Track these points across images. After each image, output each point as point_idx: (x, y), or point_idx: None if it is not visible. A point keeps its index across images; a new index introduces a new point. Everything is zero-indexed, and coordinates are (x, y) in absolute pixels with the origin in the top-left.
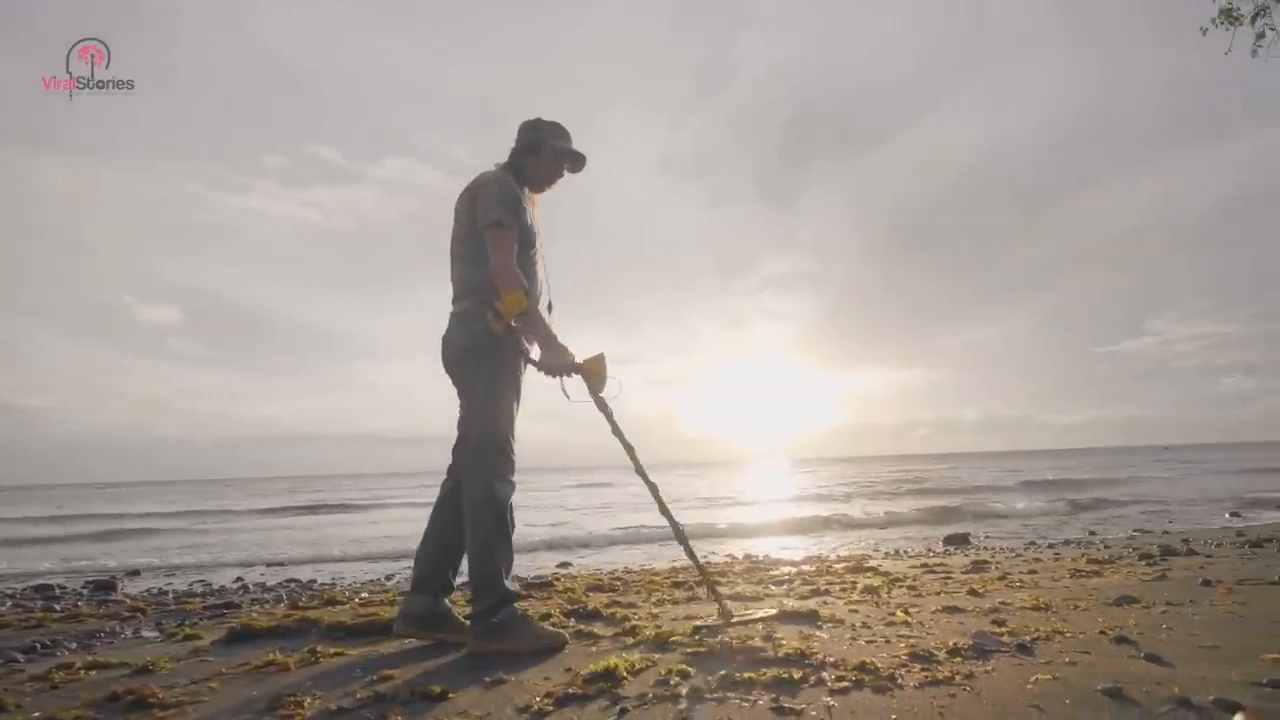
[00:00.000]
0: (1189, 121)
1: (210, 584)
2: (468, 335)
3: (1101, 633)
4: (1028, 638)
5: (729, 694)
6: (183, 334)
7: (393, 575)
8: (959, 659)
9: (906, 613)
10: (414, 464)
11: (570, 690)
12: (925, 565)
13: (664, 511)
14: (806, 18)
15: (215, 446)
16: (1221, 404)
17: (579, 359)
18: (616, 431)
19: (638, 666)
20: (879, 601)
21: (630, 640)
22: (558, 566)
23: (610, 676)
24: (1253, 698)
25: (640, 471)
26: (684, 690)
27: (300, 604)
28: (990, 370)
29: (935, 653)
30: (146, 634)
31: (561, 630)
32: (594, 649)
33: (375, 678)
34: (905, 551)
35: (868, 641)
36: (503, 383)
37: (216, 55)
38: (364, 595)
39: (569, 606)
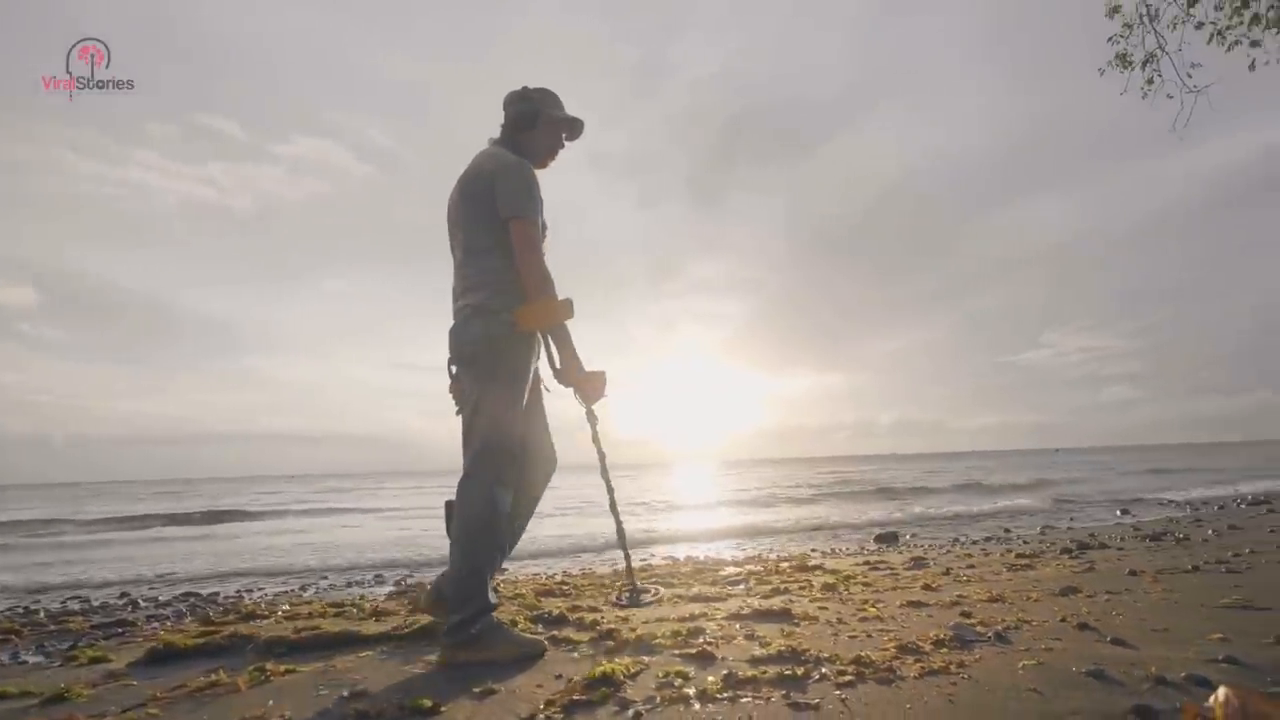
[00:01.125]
0: (1086, 153)
1: (89, 600)
2: (485, 330)
3: (1063, 620)
4: (999, 628)
5: (738, 692)
6: (38, 318)
7: (307, 587)
8: (945, 650)
9: (874, 608)
10: (318, 465)
11: (574, 697)
12: (868, 563)
13: (614, 510)
14: (744, 26)
15: (77, 446)
16: (1106, 410)
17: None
18: (596, 440)
19: (633, 670)
20: (842, 598)
21: (611, 644)
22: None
23: (609, 681)
24: (1216, 673)
25: (605, 475)
26: (690, 691)
27: (214, 620)
28: (907, 376)
29: (921, 645)
30: (31, 659)
31: (538, 638)
32: (575, 654)
33: (347, 694)
34: (841, 550)
35: (850, 637)
36: (519, 382)
37: (98, 5)
38: (285, 608)
39: (530, 612)
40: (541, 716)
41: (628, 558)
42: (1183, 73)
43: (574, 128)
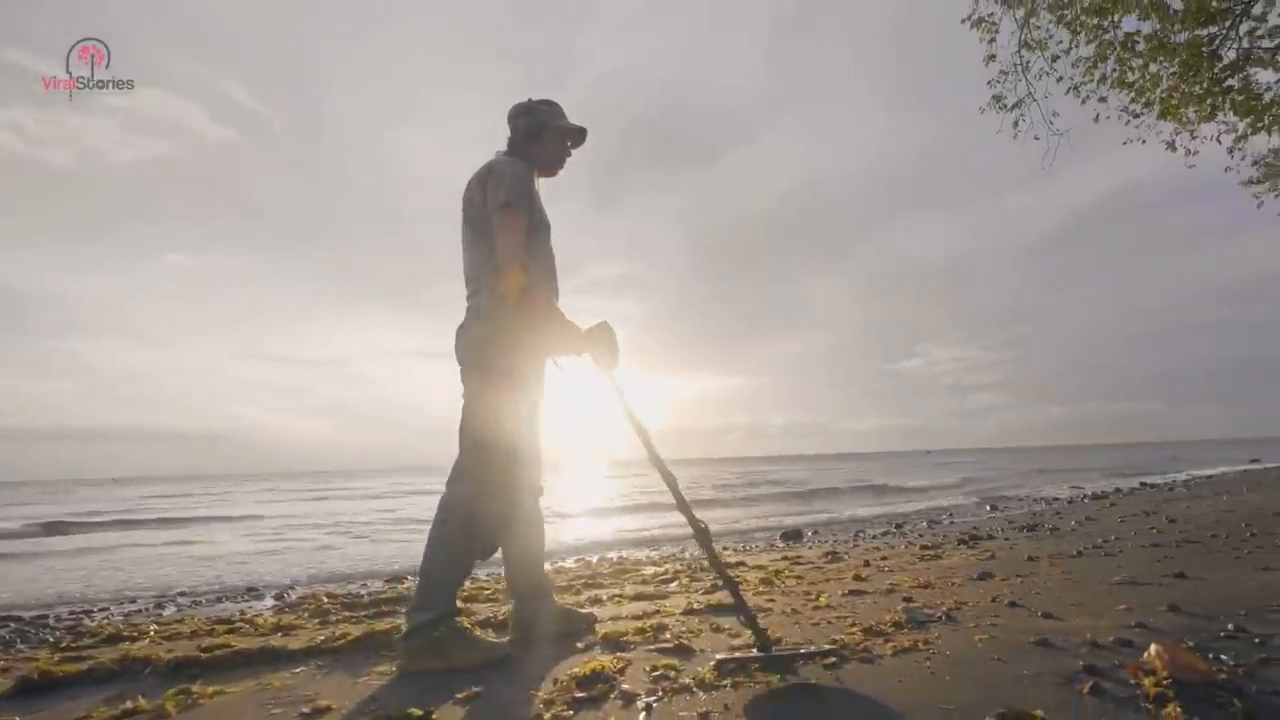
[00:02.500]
0: (967, 181)
1: None
2: (481, 331)
3: (994, 600)
4: (944, 610)
5: (738, 679)
6: None
7: (164, 605)
8: (906, 631)
9: (822, 598)
10: (150, 467)
11: (574, 694)
12: (786, 559)
13: (683, 508)
14: (653, 27)
15: None
16: (970, 416)
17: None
18: (630, 415)
19: (618, 665)
20: (784, 590)
21: (579, 645)
22: (386, 584)
23: (602, 677)
24: (1135, 635)
25: (657, 462)
26: (688, 680)
27: (70, 645)
28: (797, 380)
29: (883, 628)
30: None
31: (502, 641)
32: (546, 655)
33: (308, 710)
34: (753, 548)
35: (813, 625)
36: (518, 379)
37: None
38: (153, 628)
39: (476, 619)
40: (549, 715)
41: (739, 597)
42: (1047, 117)
43: (579, 136)
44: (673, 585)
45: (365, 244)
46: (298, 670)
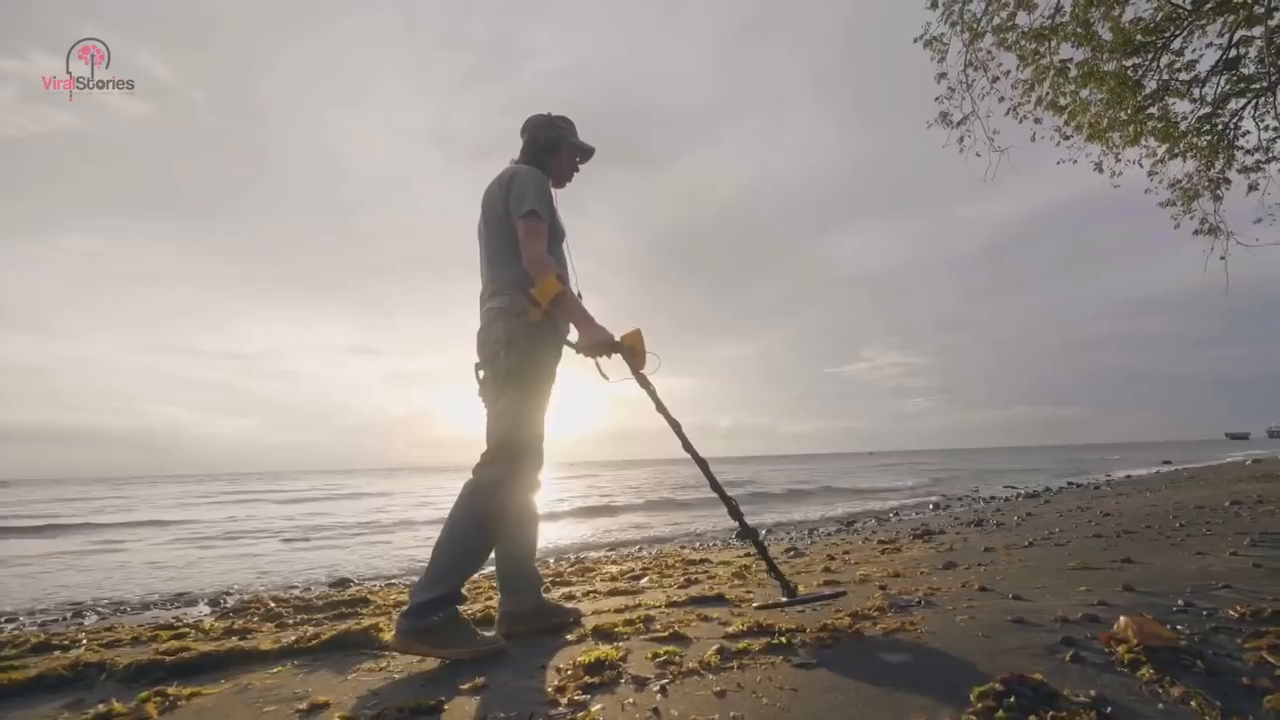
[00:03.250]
0: (912, 193)
1: None
2: (507, 331)
3: (964, 586)
4: (920, 595)
5: (741, 661)
6: None
7: (83, 614)
8: (890, 614)
9: (801, 588)
10: (45, 468)
11: (585, 680)
12: (749, 555)
13: (717, 490)
14: (605, 25)
15: None
16: (908, 418)
17: (616, 336)
18: (661, 409)
19: (620, 654)
20: (759, 583)
21: (571, 638)
22: (331, 588)
23: (607, 664)
24: (1101, 611)
25: (689, 449)
26: (693, 664)
27: None
28: (744, 383)
29: (868, 613)
30: None
31: (497, 637)
32: (541, 647)
33: (305, 707)
34: (710, 546)
35: (799, 611)
36: (539, 379)
37: None
38: (84, 637)
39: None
40: (565, 700)
41: (763, 550)
42: (989, 135)
43: (587, 155)
44: (644, 581)
45: (296, 232)
46: (275, 670)
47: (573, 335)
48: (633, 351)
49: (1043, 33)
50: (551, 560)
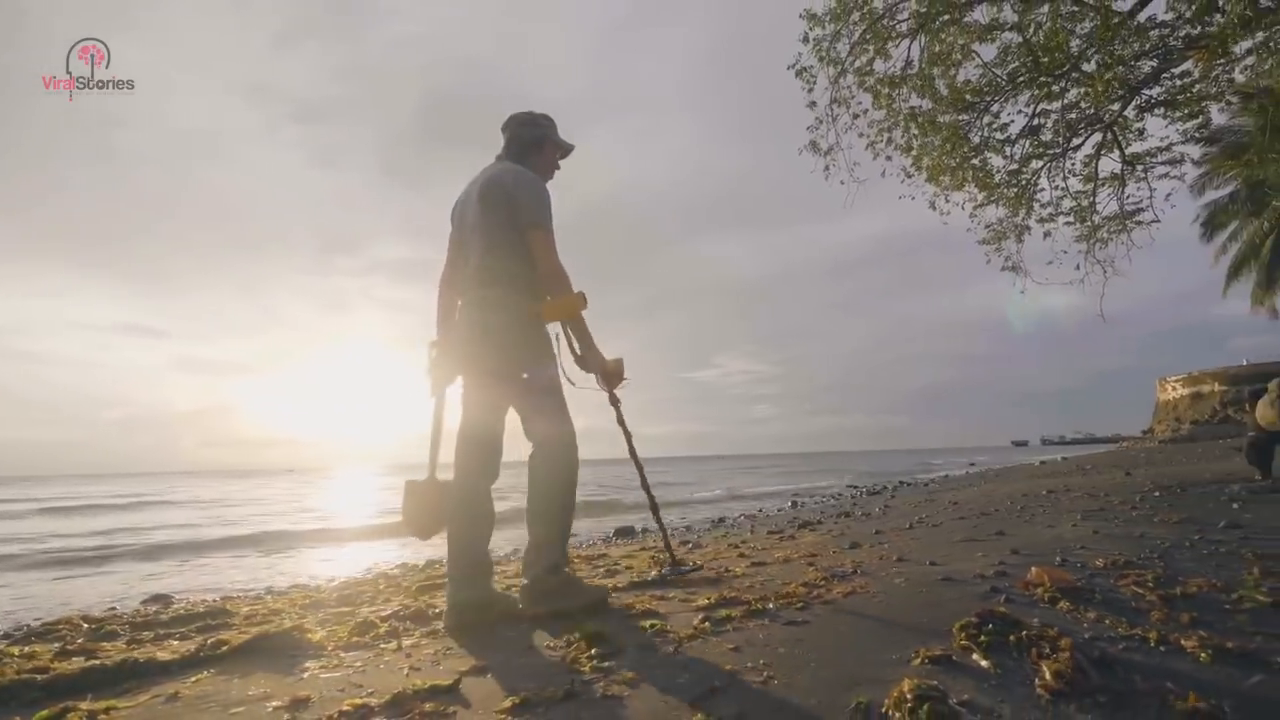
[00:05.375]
0: (773, 209)
1: None
2: (515, 318)
3: (882, 559)
4: (850, 567)
5: (735, 624)
6: None
7: None
8: (838, 582)
9: (728, 571)
10: None
11: (594, 651)
12: (643, 547)
13: (646, 488)
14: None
15: None
16: (755, 424)
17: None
18: (621, 422)
19: (609, 631)
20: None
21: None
22: (144, 605)
23: (605, 638)
24: (1005, 569)
25: (634, 455)
26: (689, 631)
27: None
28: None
29: (818, 583)
30: None
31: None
32: (522, 627)
33: (282, 704)
34: (596, 542)
35: (749, 585)
36: (546, 365)
37: None
38: None
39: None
40: (587, 668)
41: (664, 531)
42: (850, 166)
43: (568, 151)
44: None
45: (53, 180)
46: (194, 679)
47: (576, 345)
48: (615, 376)
49: (895, 80)
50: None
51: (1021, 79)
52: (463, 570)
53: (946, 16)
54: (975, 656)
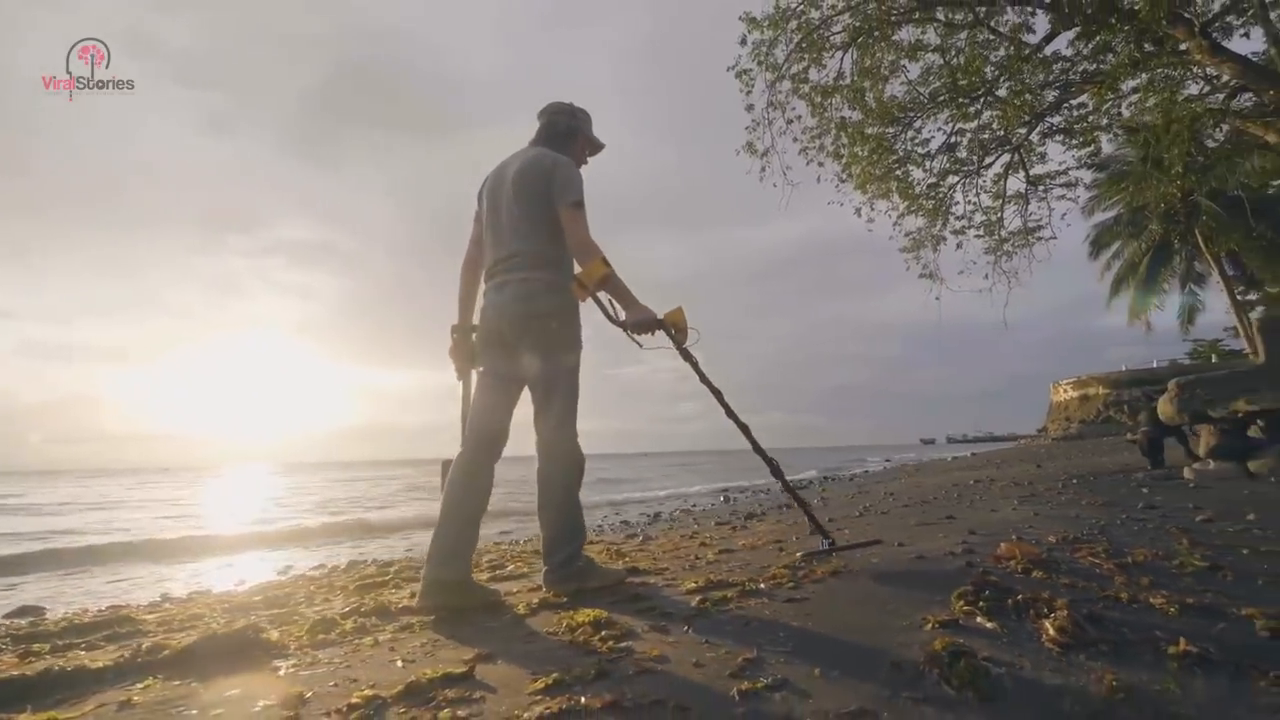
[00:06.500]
0: (707, 208)
1: None
2: (559, 302)
3: (849, 542)
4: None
5: (731, 606)
6: None
7: None
8: (816, 564)
9: (698, 559)
10: None
11: (592, 638)
12: (600, 542)
13: (759, 451)
14: None
15: None
16: (678, 421)
17: (660, 314)
18: (704, 379)
19: (606, 617)
20: (654, 557)
21: (522, 610)
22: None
23: (605, 624)
24: (970, 547)
25: (731, 415)
26: (691, 614)
27: None
28: None
29: (797, 565)
30: None
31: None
32: (506, 619)
33: (272, 703)
34: (535, 539)
35: (728, 569)
36: (578, 352)
37: None
38: None
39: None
40: (604, 647)
41: (806, 506)
42: (784, 169)
43: (598, 149)
44: (502, 572)
45: None
46: (144, 685)
47: (621, 313)
48: (676, 327)
49: (828, 89)
50: (343, 562)
51: (942, 98)
52: (447, 545)
53: (878, 33)
54: (980, 620)
